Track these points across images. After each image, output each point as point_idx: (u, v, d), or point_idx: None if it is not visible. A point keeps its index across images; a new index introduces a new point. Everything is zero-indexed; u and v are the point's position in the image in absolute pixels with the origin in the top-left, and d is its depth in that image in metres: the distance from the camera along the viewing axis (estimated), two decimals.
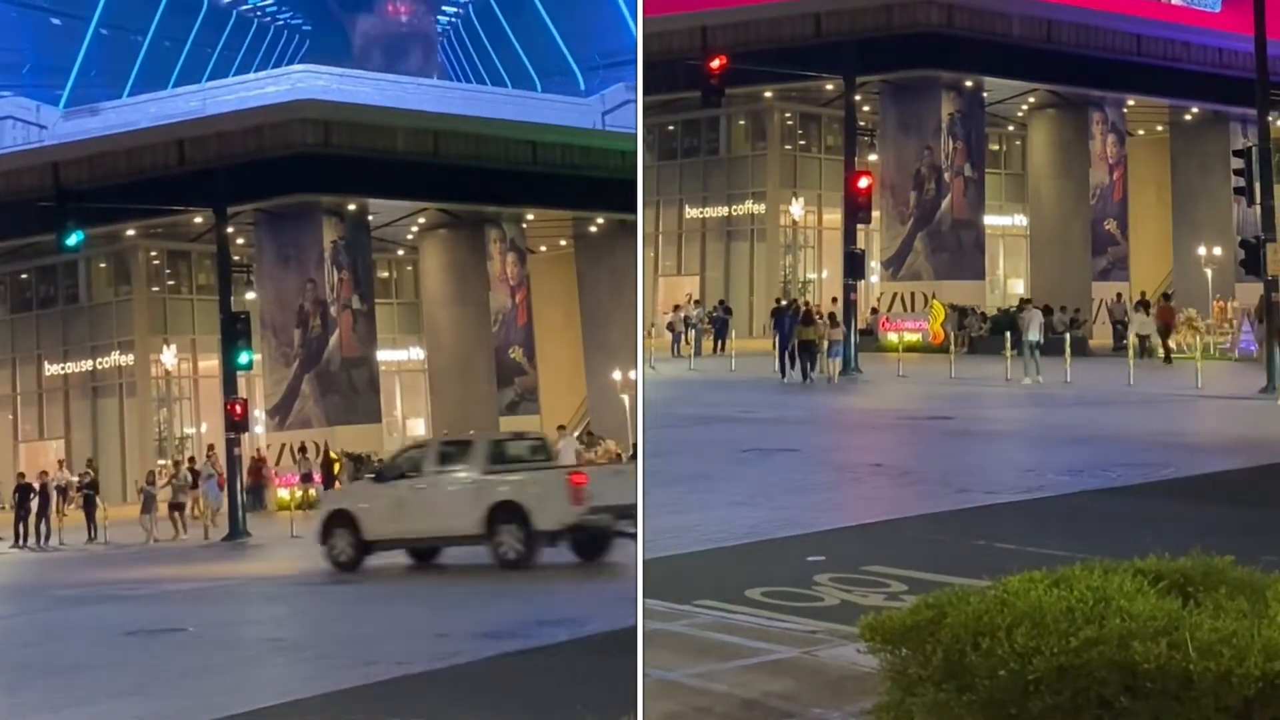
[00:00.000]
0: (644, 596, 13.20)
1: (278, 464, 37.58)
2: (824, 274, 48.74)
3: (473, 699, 12.86)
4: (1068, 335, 38.21)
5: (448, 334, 42.07)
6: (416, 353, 43.33)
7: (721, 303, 46.39)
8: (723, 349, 42.01)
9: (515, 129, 41.47)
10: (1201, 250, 47.81)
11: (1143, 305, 41.70)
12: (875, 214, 42.64)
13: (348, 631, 17.90)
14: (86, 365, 41.02)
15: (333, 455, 36.28)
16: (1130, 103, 48.74)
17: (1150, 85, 47.44)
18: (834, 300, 41.70)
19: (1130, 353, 36.58)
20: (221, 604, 22.13)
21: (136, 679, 15.31)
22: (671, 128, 49.71)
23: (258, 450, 38.01)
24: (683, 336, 42.76)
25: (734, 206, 49.72)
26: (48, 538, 33.61)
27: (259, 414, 38.76)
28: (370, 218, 40.30)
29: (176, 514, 32.93)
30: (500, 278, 41.60)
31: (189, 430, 41.30)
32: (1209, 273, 47.01)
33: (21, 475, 36.14)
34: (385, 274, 43.86)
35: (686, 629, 12.06)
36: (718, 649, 11.61)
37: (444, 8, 43.41)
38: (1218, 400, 31.15)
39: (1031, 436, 26.60)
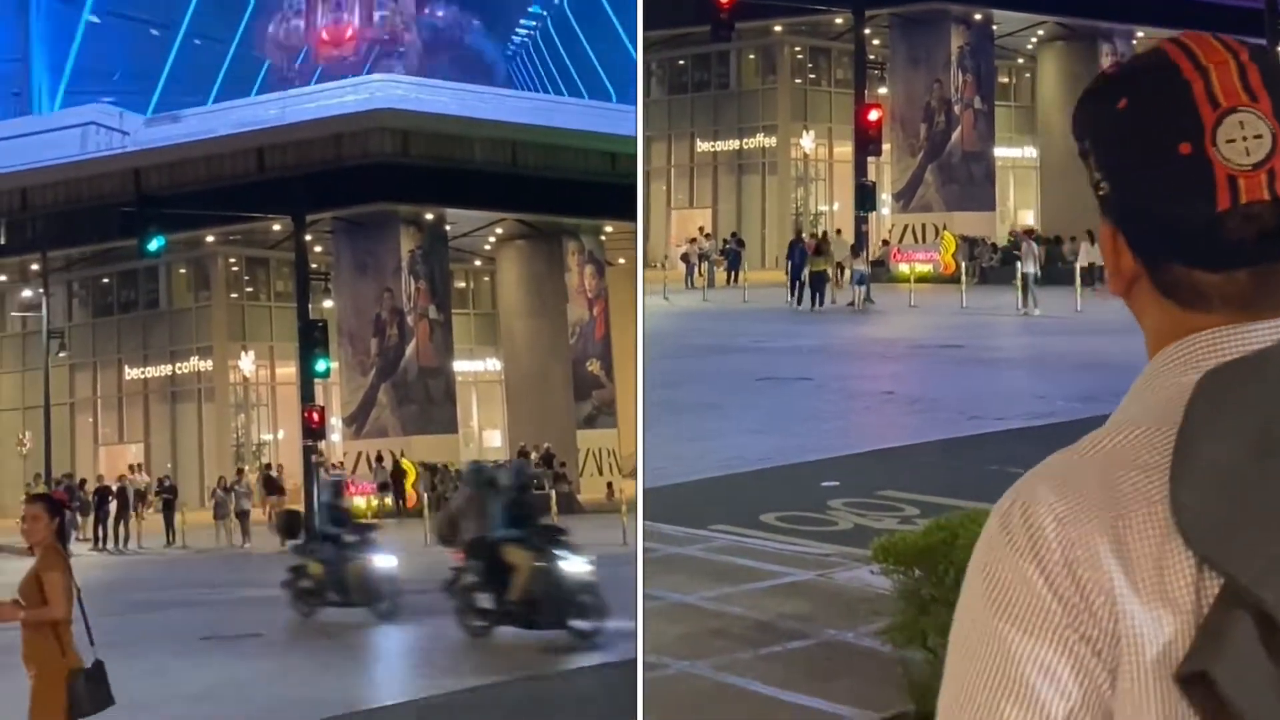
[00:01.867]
0: (659, 521, 13.20)
1: (354, 472, 37.66)
2: (835, 206, 49.39)
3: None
4: (1077, 265, 38.36)
5: (525, 346, 42.04)
6: (493, 364, 43.29)
7: (734, 235, 46.72)
8: (735, 280, 42.43)
9: (594, 139, 41.46)
10: None
11: (1089, 234, 42.30)
12: (885, 147, 43.30)
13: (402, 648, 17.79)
14: (166, 370, 41.25)
15: (404, 465, 36.31)
16: (1139, 34, 48.52)
17: (1159, 17, 47.17)
18: (838, 232, 42.74)
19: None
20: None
21: (211, 684, 15.30)
22: (681, 62, 50.43)
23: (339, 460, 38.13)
24: (696, 268, 43.05)
25: (745, 140, 50.28)
26: (126, 541, 33.82)
27: (335, 422, 38.85)
28: (448, 228, 40.35)
29: (241, 521, 33.04)
30: (578, 289, 41.53)
31: (266, 437, 41.46)
32: None
33: (101, 478, 36.41)
34: (462, 284, 43.89)
35: (702, 553, 12.16)
36: (733, 572, 11.72)
37: (521, 21, 43.46)
38: None
39: (1043, 364, 26.64)
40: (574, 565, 14.95)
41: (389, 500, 35.32)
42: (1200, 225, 1.73)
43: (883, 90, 46.01)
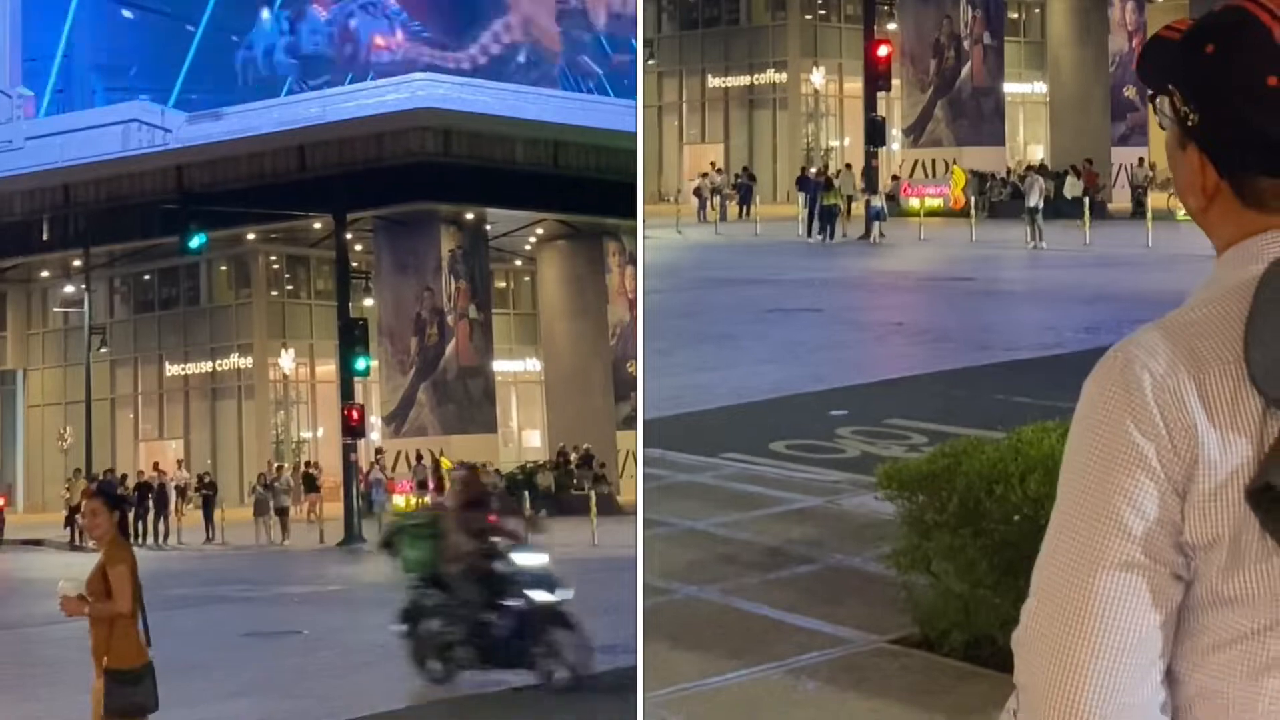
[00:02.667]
0: (672, 450, 13.22)
1: (393, 470, 37.63)
2: (845, 141, 49.69)
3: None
4: (1086, 199, 38.43)
5: (565, 346, 41.94)
6: (533, 364, 43.19)
7: (745, 169, 46.82)
8: (747, 214, 42.77)
9: (635, 140, 41.32)
10: None
11: (1073, 169, 42.73)
12: (895, 82, 43.62)
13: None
14: (206, 367, 41.29)
15: (442, 464, 36.23)
16: None
17: None
18: (847, 166, 43.44)
19: (1148, 216, 37.11)
20: (337, 608, 22.06)
21: (251, 681, 15.21)
22: None
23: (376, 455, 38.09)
24: (708, 203, 43.29)
25: (755, 75, 50.81)
26: (166, 536, 33.85)
27: (375, 420, 38.80)
28: (488, 227, 40.28)
29: (280, 518, 33.00)
30: (619, 290, 41.40)
31: (306, 434, 41.46)
32: None
33: (141, 474, 36.45)
34: (503, 284, 43.81)
35: (713, 480, 12.20)
36: (743, 499, 11.83)
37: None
38: None
39: (1050, 297, 26.76)
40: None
41: (426, 499, 35.25)
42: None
43: (892, 26, 46.44)
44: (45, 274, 42.89)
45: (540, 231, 41.97)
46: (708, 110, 51.84)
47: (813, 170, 43.36)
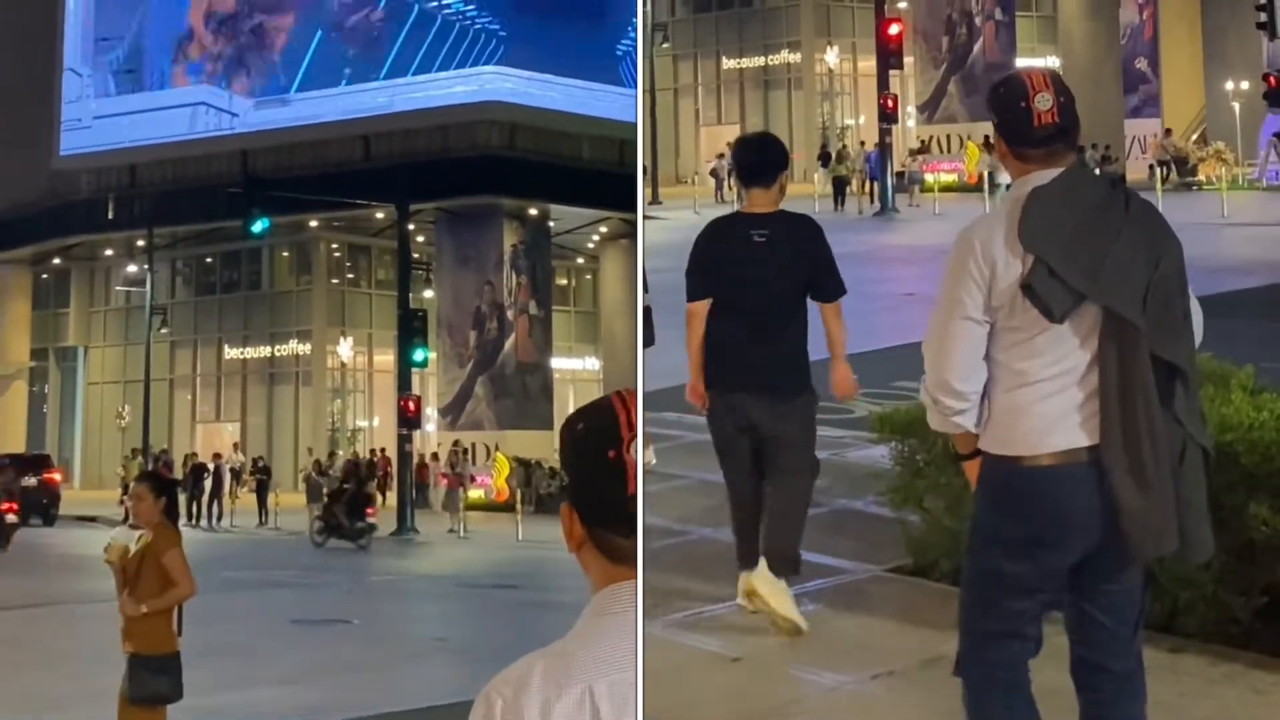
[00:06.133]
0: (687, 413, 13.40)
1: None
2: (861, 120, 49.64)
3: None
4: (1098, 171, 38.25)
5: (624, 345, 41.79)
6: (592, 362, 43.08)
7: None
8: None
9: (633, 138, 41.18)
10: (1230, 85, 47.39)
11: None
12: (908, 60, 43.73)
13: (508, 638, 17.58)
14: (265, 351, 41.38)
15: (497, 459, 36.13)
16: None
17: None
18: (861, 144, 44.43)
19: (1158, 186, 37.23)
20: (387, 599, 21.98)
21: (298, 667, 15.12)
22: None
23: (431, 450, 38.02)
24: (725, 183, 43.44)
25: (770, 56, 51.11)
26: (219, 519, 33.89)
27: (431, 412, 38.75)
28: (551, 224, 40.18)
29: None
30: None
31: (361, 423, 41.48)
32: (1237, 107, 46.62)
33: (195, 455, 36.51)
34: (564, 281, 43.74)
35: None
36: None
37: (632, 18, 43.31)
38: (1242, 227, 32.86)
39: None
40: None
41: (474, 493, 35.14)
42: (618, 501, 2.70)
43: (903, 4, 46.31)
44: (109, 253, 43.12)
45: (604, 230, 41.86)
46: (723, 92, 52.35)
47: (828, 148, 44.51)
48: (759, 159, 8.94)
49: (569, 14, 41.60)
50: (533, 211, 39.28)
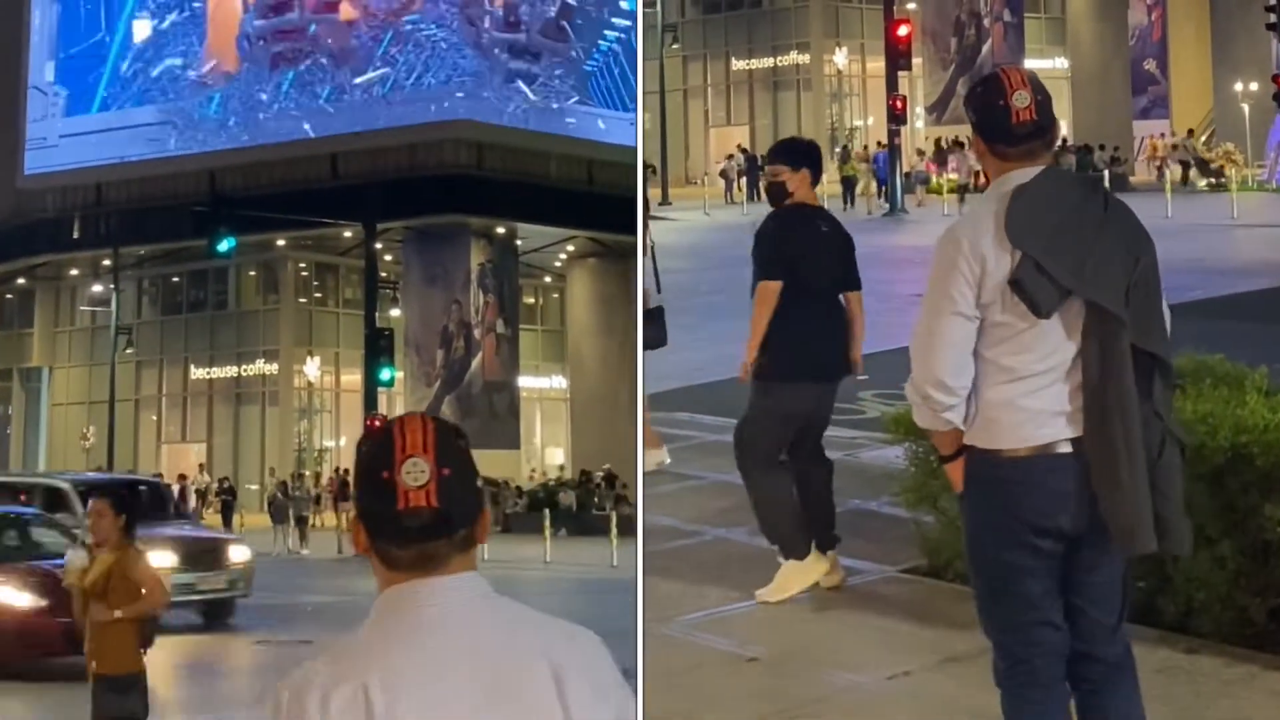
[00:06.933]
0: (702, 413, 14.18)
1: None
2: (869, 121, 49.83)
3: None
4: (1107, 172, 38.62)
5: (592, 364, 41.73)
6: (559, 381, 42.99)
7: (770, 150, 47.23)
8: None
9: (634, 154, 41.15)
10: (1239, 86, 47.46)
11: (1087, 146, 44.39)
12: (917, 61, 43.87)
13: None
14: (231, 371, 41.19)
15: None
16: None
17: None
18: (879, 144, 44.77)
19: (1168, 187, 37.74)
20: (351, 619, 21.78)
21: (261, 687, 15.00)
22: None
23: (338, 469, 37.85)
24: (734, 184, 43.55)
25: (779, 57, 51.48)
26: None
27: None
28: (519, 242, 40.12)
29: (299, 527, 32.78)
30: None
31: (329, 443, 41.30)
32: (1246, 109, 46.73)
33: (160, 476, 36.27)
34: (531, 300, 43.65)
35: None
36: None
37: (603, 32, 43.29)
38: (1251, 229, 32.94)
39: None
40: None
41: None
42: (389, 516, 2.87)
43: (912, 5, 46.62)
44: (75, 272, 42.87)
45: (571, 249, 41.81)
46: (732, 93, 52.68)
47: (857, 148, 44.69)
48: (812, 158, 9.73)
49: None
50: (500, 230, 39.22)
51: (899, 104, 41.09)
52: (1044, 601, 5.15)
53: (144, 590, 8.44)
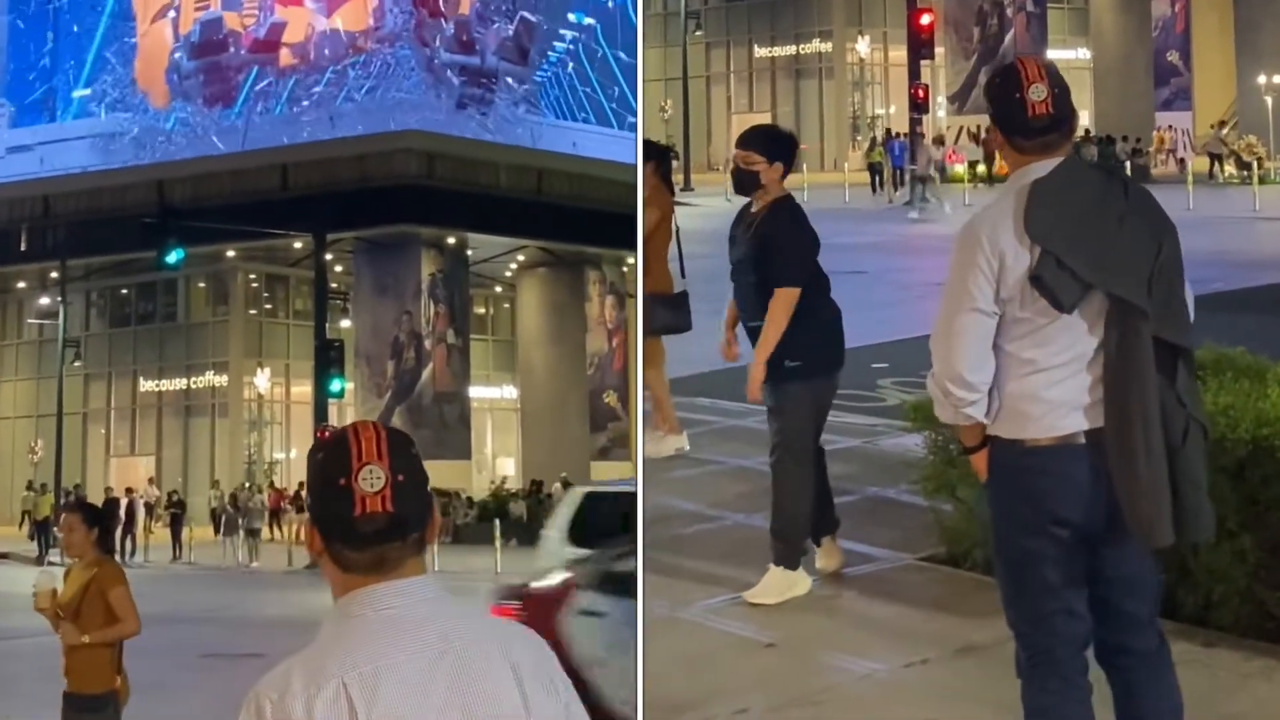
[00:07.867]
0: (721, 399, 14.12)
1: None
2: (891, 109, 50.00)
3: None
4: (1128, 164, 38.84)
5: (542, 374, 41.73)
6: (510, 391, 42.96)
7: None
8: None
9: (620, 169, 41.14)
10: (1262, 79, 47.68)
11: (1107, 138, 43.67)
12: (939, 50, 43.99)
13: None
14: (181, 384, 40.99)
15: None
16: None
17: None
18: (897, 134, 45.21)
19: (1189, 179, 37.63)
20: (301, 632, 21.72)
21: (210, 702, 14.95)
22: None
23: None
24: None
25: (802, 46, 51.73)
26: (132, 553, 33.48)
27: None
28: (469, 252, 40.09)
29: (250, 539, 32.67)
30: (598, 320, 41.23)
31: (279, 455, 41.14)
32: (1269, 100, 46.95)
33: (109, 490, 36.07)
34: (482, 310, 43.62)
35: (757, 424, 12.69)
36: None
37: (554, 42, 43.33)
38: (1273, 222, 32.94)
39: None
40: None
41: None
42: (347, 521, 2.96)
43: None
44: (21, 285, 42.60)
45: (522, 258, 41.80)
46: (755, 80, 52.78)
47: (896, 134, 45.42)
48: (790, 153, 9.74)
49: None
50: (451, 240, 39.18)
51: (921, 93, 41.15)
52: (1066, 591, 5.18)
53: (119, 616, 8.17)
